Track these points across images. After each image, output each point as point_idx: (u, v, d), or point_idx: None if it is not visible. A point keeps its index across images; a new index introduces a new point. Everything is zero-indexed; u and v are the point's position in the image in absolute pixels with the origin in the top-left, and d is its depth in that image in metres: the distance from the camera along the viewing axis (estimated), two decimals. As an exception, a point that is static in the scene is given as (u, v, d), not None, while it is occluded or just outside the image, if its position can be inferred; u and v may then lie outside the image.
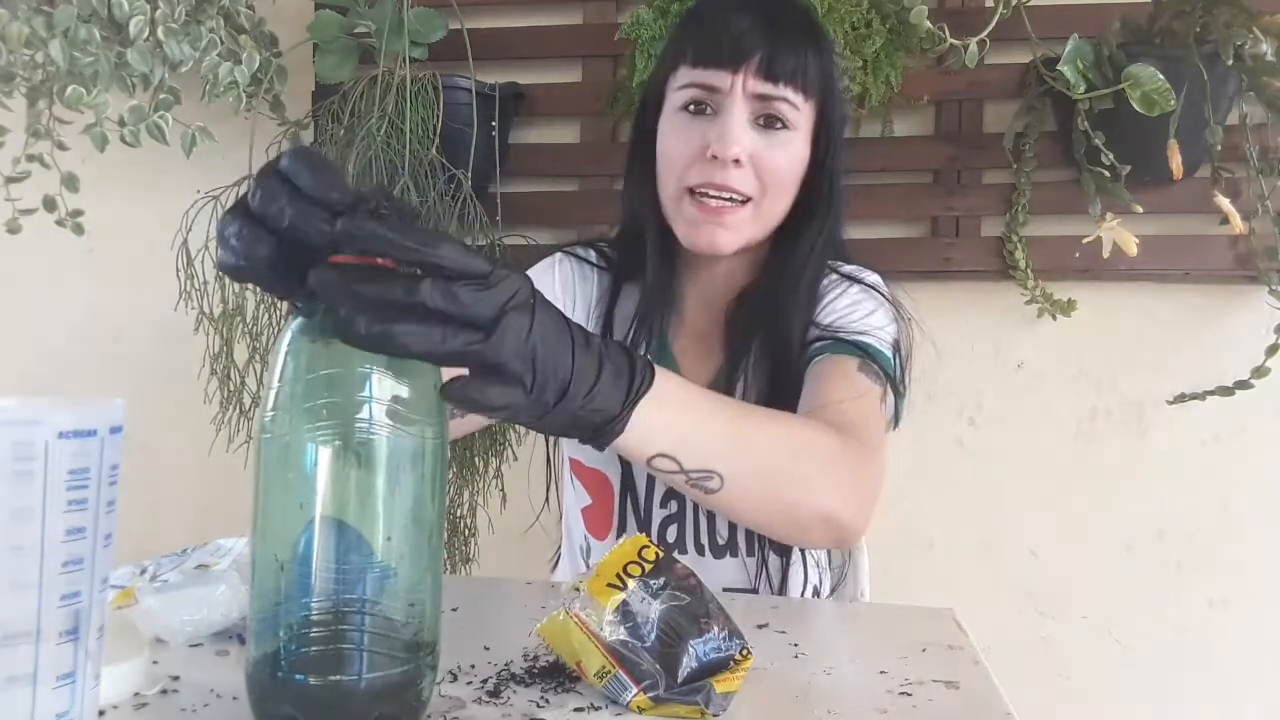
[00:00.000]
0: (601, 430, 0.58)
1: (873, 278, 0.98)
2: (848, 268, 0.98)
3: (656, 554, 0.59)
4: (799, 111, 0.88)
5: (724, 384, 0.96)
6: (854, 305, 0.93)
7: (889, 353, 0.90)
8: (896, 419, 0.93)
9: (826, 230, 0.94)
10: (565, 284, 1.03)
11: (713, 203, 0.88)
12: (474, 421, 0.98)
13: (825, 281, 0.96)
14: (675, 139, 0.91)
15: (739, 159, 0.87)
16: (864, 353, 0.87)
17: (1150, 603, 1.55)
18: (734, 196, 0.88)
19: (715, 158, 0.87)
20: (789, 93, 0.87)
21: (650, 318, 0.97)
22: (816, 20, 0.94)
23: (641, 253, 0.97)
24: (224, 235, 0.49)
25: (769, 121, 0.88)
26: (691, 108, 0.90)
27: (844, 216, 0.99)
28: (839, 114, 0.93)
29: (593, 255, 1.05)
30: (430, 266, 0.47)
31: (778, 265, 0.95)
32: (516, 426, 1.55)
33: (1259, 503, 1.52)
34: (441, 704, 0.56)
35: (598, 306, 1.01)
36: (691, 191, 0.90)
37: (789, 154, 0.90)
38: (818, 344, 0.90)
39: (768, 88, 0.87)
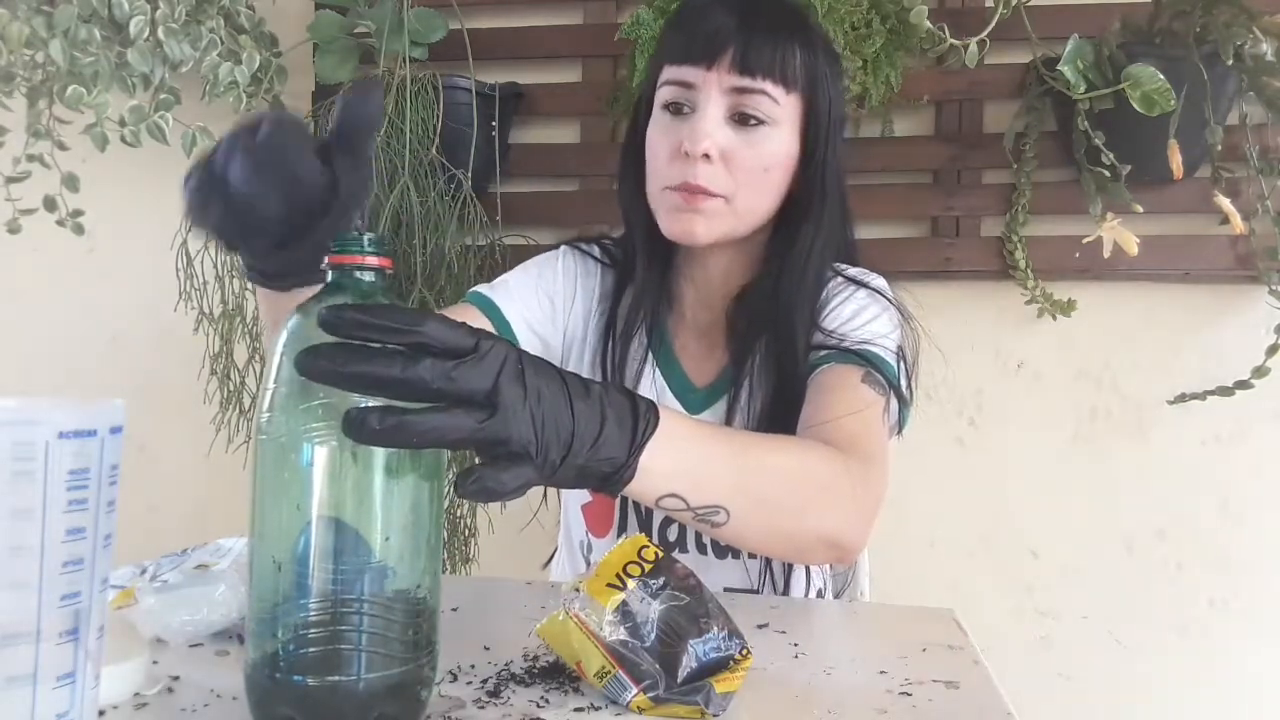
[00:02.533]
0: (610, 479, 0.57)
1: (878, 281, 0.97)
2: (852, 271, 0.98)
3: (656, 554, 0.59)
4: (780, 106, 0.87)
5: (729, 383, 0.96)
6: (858, 311, 0.92)
7: (893, 361, 0.89)
8: (901, 426, 0.92)
9: (824, 227, 0.93)
10: (568, 276, 1.02)
11: (688, 193, 0.88)
12: None
13: (831, 284, 0.96)
14: (657, 139, 0.91)
15: (709, 154, 0.86)
16: (868, 362, 0.87)
17: (1150, 603, 1.55)
18: (705, 193, 0.88)
19: (687, 154, 0.87)
20: (767, 85, 0.86)
21: (644, 314, 0.97)
22: (804, 14, 0.92)
23: (634, 251, 0.97)
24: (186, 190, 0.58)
25: (744, 118, 0.87)
26: (671, 107, 0.89)
27: (851, 215, 0.98)
28: (832, 109, 0.91)
29: (596, 250, 1.05)
30: (416, 346, 0.47)
31: (776, 263, 0.94)
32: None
33: (1259, 503, 1.52)
34: (441, 704, 0.56)
35: (600, 303, 1.01)
36: (671, 190, 0.90)
37: (766, 150, 0.88)
38: (821, 353, 0.89)
39: (744, 81, 0.86)
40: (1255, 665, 1.53)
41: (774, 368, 0.93)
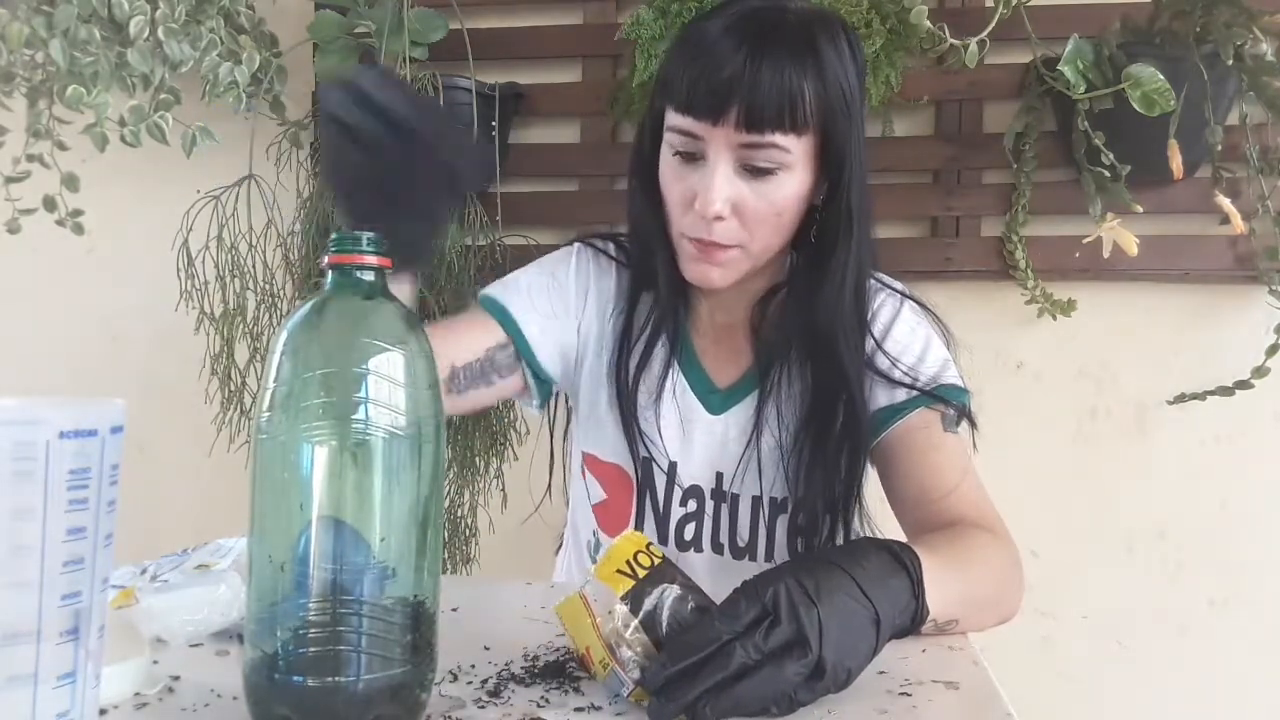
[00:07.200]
0: (912, 630, 0.68)
1: (899, 285, 0.99)
2: (883, 277, 0.99)
3: (661, 554, 0.60)
4: (791, 153, 0.85)
5: (753, 386, 0.96)
6: (911, 333, 0.95)
7: (963, 384, 0.93)
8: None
9: (858, 243, 0.91)
10: (581, 275, 1.02)
11: (704, 247, 0.88)
12: (482, 399, 0.98)
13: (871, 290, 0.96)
14: (671, 185, 0.90)
15: (721, 215, 0.86)
16: (944, 401, 0.91)
17: (1150, 603, 1.55)
18: (720, 247, 0.88)
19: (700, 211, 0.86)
20: (776, 138, 0.83)
21: (664, 329, 0.98)
22: (816, 37, 0.85)
23: (652, 268, 0.96)
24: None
25: (755, 169, 0.85)
26: (682, 155, 0.88)
27: (873, 218, 0.96)
28: (853, 135, 0.87)
29: (611, 248, 1.04)
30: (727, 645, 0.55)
31: (812, 276, 0.92)
32: (516, 426, 1.55)
33: (1259, 503, 1.52)
34: (441, 704, 0.56)
35: (616, 303, 1.01)
36: (688, 240, 0.89)
37: (778, 197, 0.87)
38: (900, 396, 0.91)
39: (752, 138, 0.83)
40: (1255, 665, 1.52)
41: (806, 372, 0.94)
